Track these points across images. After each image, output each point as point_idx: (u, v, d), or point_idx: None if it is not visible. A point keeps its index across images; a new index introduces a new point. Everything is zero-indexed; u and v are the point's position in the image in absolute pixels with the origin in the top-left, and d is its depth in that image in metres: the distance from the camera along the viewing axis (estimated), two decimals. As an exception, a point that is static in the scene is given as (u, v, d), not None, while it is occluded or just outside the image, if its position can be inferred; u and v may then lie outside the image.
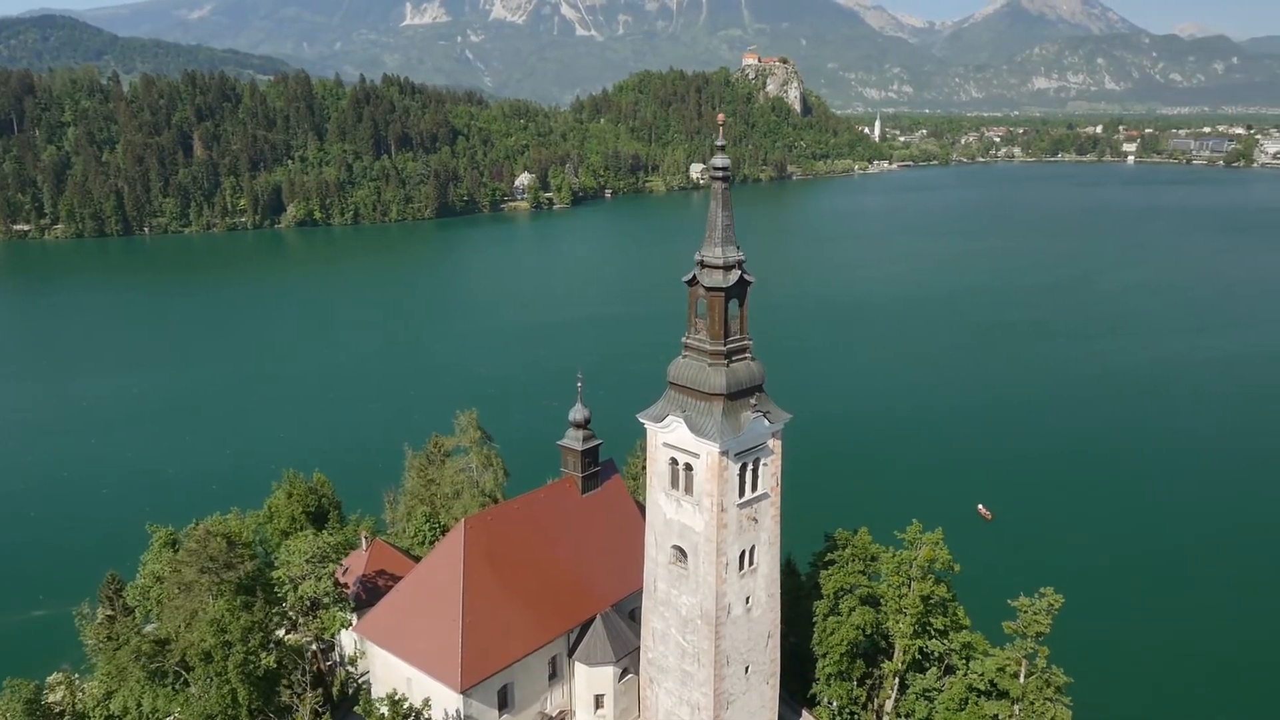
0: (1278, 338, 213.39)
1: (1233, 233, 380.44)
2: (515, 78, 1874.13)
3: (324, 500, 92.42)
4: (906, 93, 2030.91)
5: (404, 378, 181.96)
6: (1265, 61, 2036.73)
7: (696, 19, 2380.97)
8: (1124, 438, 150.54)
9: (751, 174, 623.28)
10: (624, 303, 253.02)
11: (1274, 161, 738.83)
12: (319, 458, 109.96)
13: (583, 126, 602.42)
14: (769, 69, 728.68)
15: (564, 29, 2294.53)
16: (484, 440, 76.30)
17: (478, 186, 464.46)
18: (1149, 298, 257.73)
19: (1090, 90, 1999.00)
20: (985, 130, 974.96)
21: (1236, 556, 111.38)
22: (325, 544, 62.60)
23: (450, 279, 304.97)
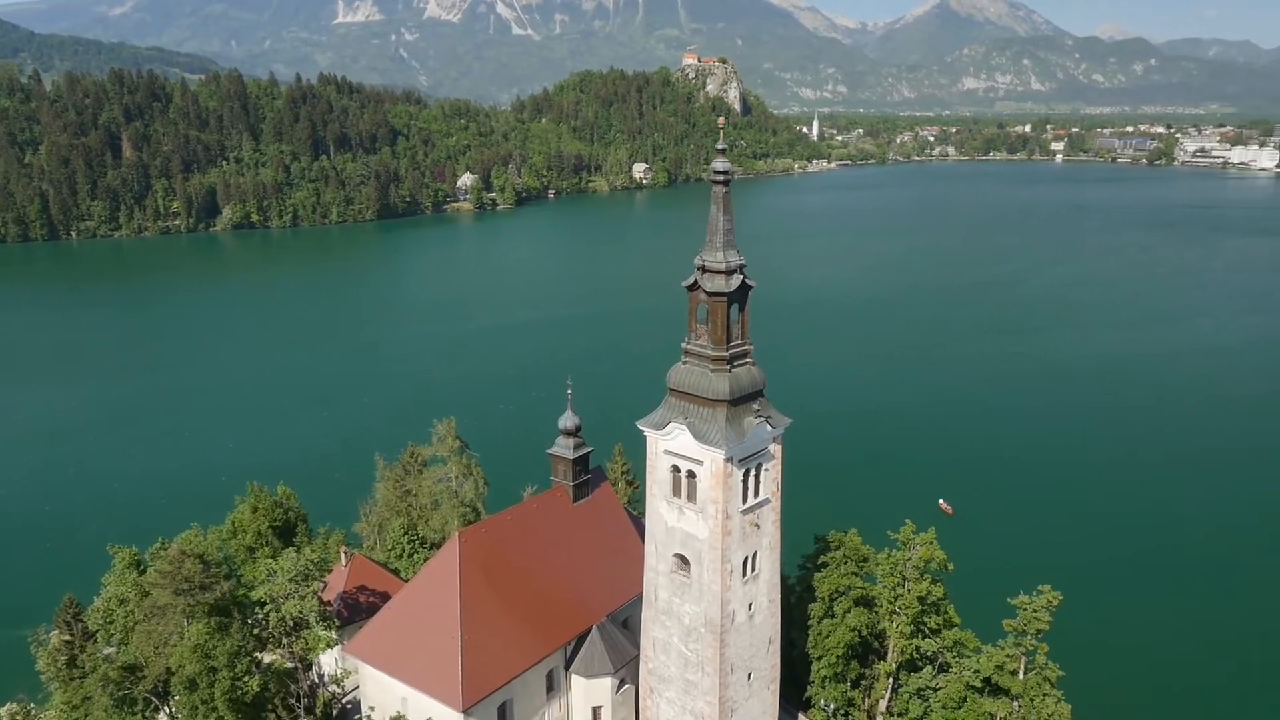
0: (1211, 329, 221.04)
1: (1160, 228, 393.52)
2: (451, 77, 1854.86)
3: (290, 514, 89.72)
4: (841, 93, 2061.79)
5: (359, 385, 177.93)
6: (1181, 63, 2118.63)
7: (633, 19, 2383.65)
8: (1075, 430, 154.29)
9: (694, 174, 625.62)
10: (579, 304, 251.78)
11: (1193, 159, 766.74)
12: (281, 469, 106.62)
13: (524, 126, 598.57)
14: (708, 69, 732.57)
15: (500, 28, 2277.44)
16: (463, 449, 74.60)
17: (420, 187, 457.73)
18: (1087, 292, 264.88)
19: (1017, 90, 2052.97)
20: (919, 129, 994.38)
21: (1195, 543, 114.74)
22: (308, 561, 60.44)
23: (398, 282, 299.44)
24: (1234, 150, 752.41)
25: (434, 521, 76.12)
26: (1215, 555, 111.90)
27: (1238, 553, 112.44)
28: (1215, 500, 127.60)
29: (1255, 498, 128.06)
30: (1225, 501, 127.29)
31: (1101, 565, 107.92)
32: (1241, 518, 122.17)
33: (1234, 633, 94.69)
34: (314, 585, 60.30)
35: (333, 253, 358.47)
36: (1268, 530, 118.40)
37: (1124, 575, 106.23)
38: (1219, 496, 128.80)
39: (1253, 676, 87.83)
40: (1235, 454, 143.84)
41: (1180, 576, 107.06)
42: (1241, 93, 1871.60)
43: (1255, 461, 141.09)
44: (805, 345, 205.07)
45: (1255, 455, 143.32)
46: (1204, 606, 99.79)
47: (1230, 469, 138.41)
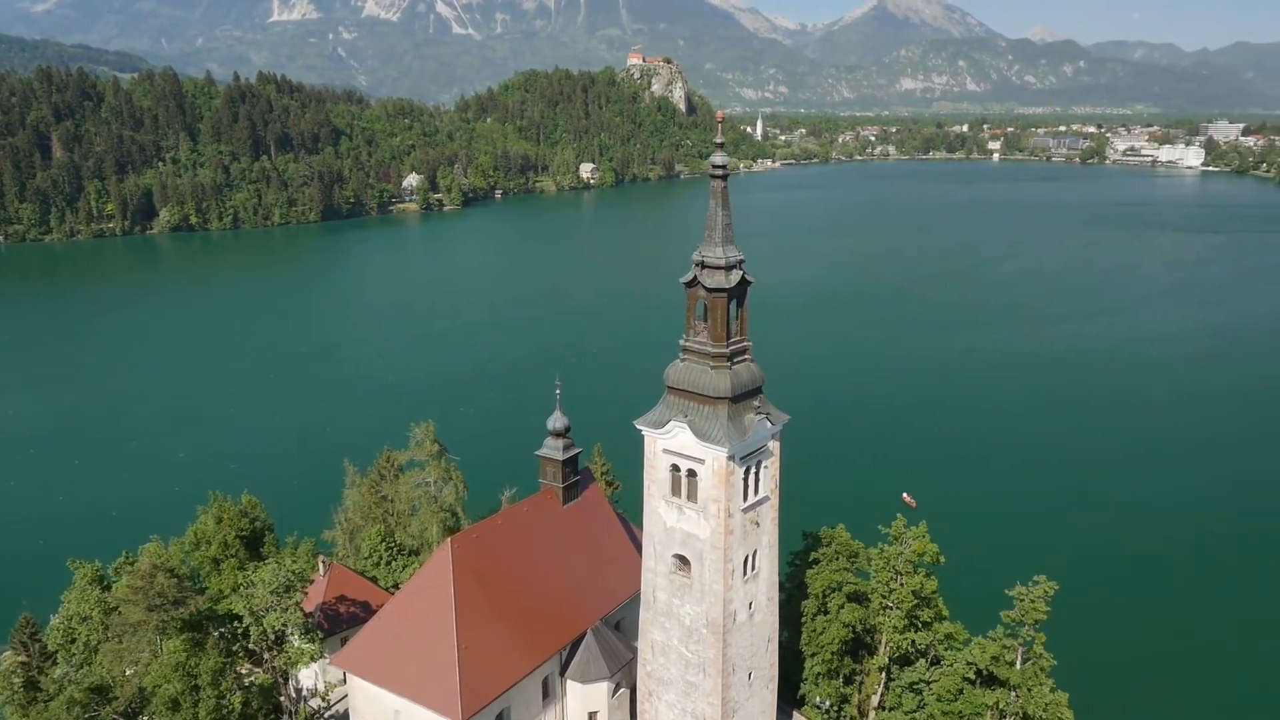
0: (1154, 323, 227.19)
1: (1097, 225, 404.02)
2: (391, 76, 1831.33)
3: (257, 523, 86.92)
4: (782, 93, 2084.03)
5: (316, 389, 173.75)
6: (1109, 64, 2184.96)
7: (575, 19, 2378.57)
8: (1034, 421, 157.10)
9: (640, 173, 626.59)
10: (538, 304, 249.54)
11: (1124, 158, 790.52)
12: (241, 477, 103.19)
13: (469, 126, 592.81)
14: (654, 69, 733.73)
15: (440, 27, 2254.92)
16: (442, 453, 72.81)
17: (364, 188, 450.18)
18: (1033, 287, 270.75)
19: (954, 91, 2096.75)
20: (861, 129, 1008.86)
21: (1160, 527, 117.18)
22: (289, 572, 58.31)
23: (349, 284, 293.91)
24: (1162, 149, 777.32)
25: (412, 528, 74.21)
26: (1177, 539, 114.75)
27: (1201, 535, 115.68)
28: (1175, 485, 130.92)
29: (1213, 481, 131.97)
30: (1186, 486, 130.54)
31: (1073, 552, 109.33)
32: (1200, 501, 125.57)
33: (1208, 615, 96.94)
34: (296, 597, 58.24)
35: (278, 255, 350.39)
36: (1223, 510, 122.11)
37: (1096, 561, 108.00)
38: (1179, 482, 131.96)
39: (1228, 658, 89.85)
40: (1191, 441, 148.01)
41: (1151, 561, 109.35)
42: (1165, 93, 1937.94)
43: (1210, 447, 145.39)
44: (761, 344, 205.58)
45: (1209, 441, 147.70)
46: (1173, 590, 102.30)
47: (1187, 455, 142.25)
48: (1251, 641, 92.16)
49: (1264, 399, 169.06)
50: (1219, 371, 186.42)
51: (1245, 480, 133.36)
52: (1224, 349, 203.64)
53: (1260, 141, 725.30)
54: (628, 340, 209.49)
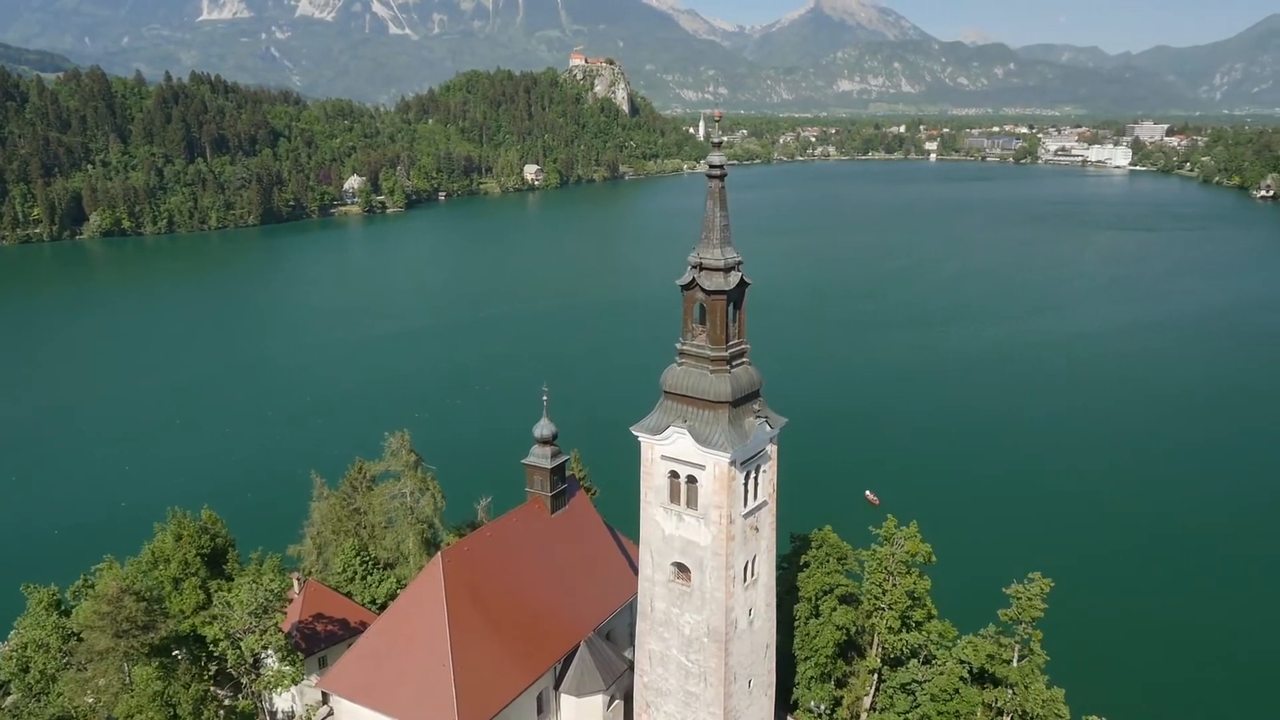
0: (1098, 317, 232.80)
1: (1034, 224, 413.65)
2: (326, 77, 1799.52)
3: (219, 540, 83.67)
4: (722, 94, 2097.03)
5: (267, 398, 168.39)
6: (1037, 67, 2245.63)
7: (514, 19, 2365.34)
8: (990, 417, 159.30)
9: (585, 174, 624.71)
10: (491, 307, 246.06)
11: (1055, 158, 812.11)
12: (195, 492, 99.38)
13: (411, 127, 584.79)
14: (596, 70, 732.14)
15: (376, 27, 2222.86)
16: (418, 463, 70.63)
17: (304, 191, 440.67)
18: (977, 285, 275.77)
19: (889, 92, 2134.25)
20: (801, 130, 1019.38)
21: (1134, 523, 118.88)
22: (268, 592, 55.85)
23: (294, 288, 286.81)
24: (1091, 149, 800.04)
25: (387, 541, 71.87)
26: (1156, 531, 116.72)
27: (1175, 526, 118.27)
28: (1147, 478, 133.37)
29: (1182, 473, 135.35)
30: (1158, 479, 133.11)
31: (1046, 545, 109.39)
32: (1171, 493, 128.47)
33: (1185, 606, 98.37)
34: (277, 618, 55.85)
35: (218, 259, 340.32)
36: (1197, 502, 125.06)
37: (1068, 554, 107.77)
38: (1151, 475, 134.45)
39: (1211, 647, 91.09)
40: (1153, 433, 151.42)
41: (1132, 553, 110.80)
42: (1091, 95, 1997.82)
43: (1173, 438, 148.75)
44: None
45: (1171, 432, 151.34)
46: (1153, 581, 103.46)
47: (1151, 447, 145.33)
48: (1227, 628, 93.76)
49: (1218, 391, 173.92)
50: (1168, 365, 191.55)
51: (1216, 471, 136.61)
52: (1169, 343, 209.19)
53: (1184, 142, 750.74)
54: (592, 341, 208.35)
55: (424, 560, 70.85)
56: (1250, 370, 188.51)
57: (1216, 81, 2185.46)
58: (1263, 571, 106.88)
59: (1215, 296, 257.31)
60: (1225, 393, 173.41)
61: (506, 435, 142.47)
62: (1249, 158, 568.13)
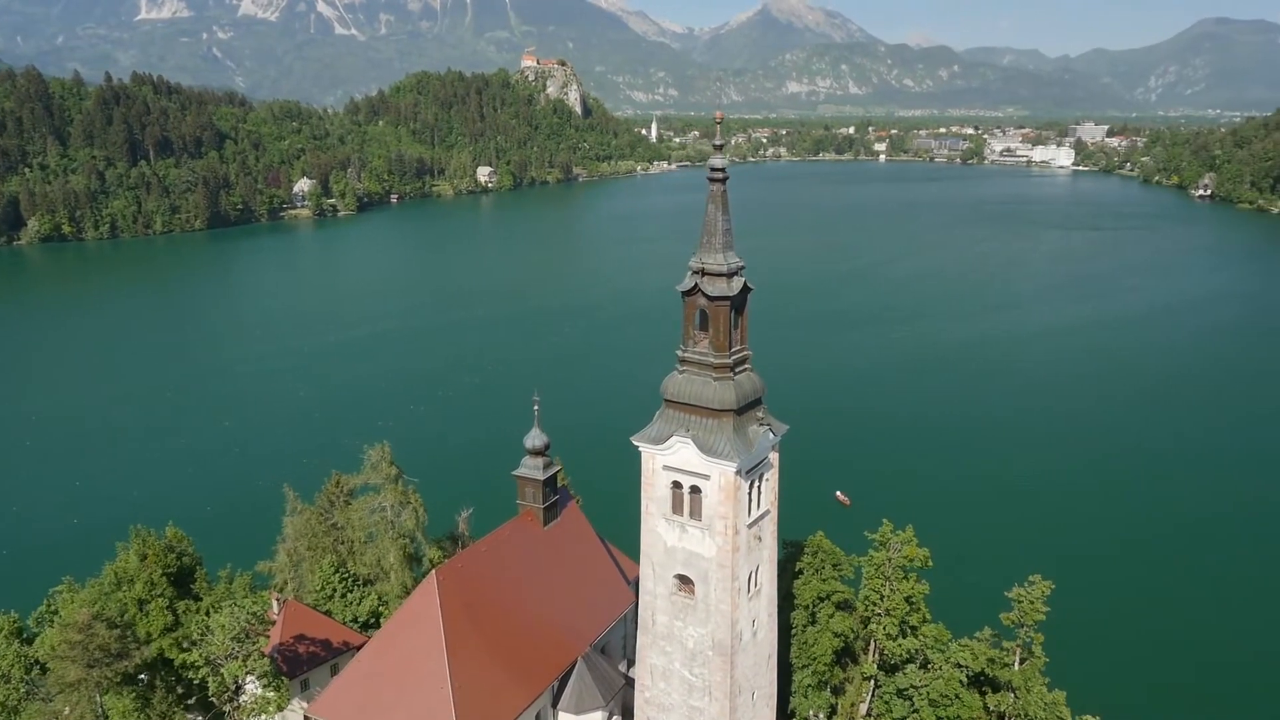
0: (1051, 316, 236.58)
1: (985, 223, 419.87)
2: (271, 78, 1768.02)
3: (185, 558, 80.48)
4: (672, 95, 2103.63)
5: (228, 409, 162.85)
6: (980, 69, 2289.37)
7: (462, 20, 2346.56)
8: (954, 415, 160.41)
9: (539, 176, 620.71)
10: (450, 311, 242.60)
11: (1001, 158, 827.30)
12: (161, 509, 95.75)
13: (361, 129, 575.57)
14: (548, 71, 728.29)
15: (321, 27, 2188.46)
16: (399, 476, 68.36)
17: (253, 194, 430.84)
18: (935, 285, 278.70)
19: (837, 94, 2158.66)
20: (752, 131, 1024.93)
21: (1115, 520, 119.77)
22: (249, 615, 53.42)
23: (245, 294, 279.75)
24: (1035, 150, 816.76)
25: (367, 556, 69.51)
26: (1136, 527, 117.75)
27: (1152, 522, 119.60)
28: (1122, 474, 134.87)
29: (1143, 467, 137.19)
30: (1132, 475, 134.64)
31: (1027, 546, 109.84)
32: (1135, 486, 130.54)
33: (1160, 603, 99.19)
34: (261, 642, 53.43)
35: (164, 265, 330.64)
36: (1157, 495, 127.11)
37: (1047, 555, 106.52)
38: (1125, 471, 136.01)
39: (1198, 644, 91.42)
40: (1112, 428, 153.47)
41: (1115, 550, 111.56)
42: (1032, 97, 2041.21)
43: (1131, 433, 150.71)
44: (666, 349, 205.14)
45: (1130, 428, 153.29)
46: (1136, 579, 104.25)
47: (1111, 442, 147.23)
48: (1218, 625, 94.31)
49: (1188, 385, 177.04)
50: (1129, 360, 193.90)
51: (1193, 465, 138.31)
52: (1128, 339, 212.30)
53: (1124, 142, 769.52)
54: (562, 345, 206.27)
55: (406, 576, 68.80)
56: (1214, 365, 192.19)
57: (1151, 83, 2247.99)
58: (1245, 562, 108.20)
59: (1167, 293, 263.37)
60: (1196, 387, 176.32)
61: (480, 443, 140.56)
62: (1186, 158, 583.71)
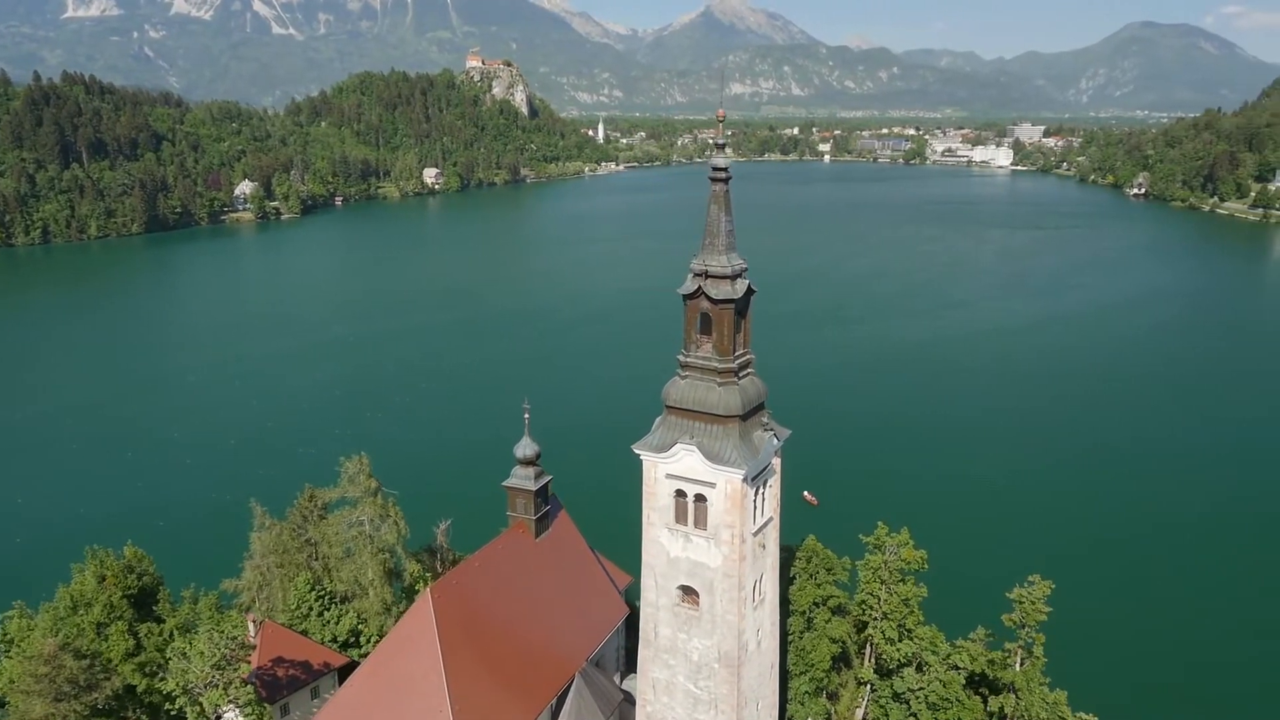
0: (1003, 313, 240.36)
1: (931, 223, 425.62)
2: (206, 78, 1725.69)
3: (146, 579, 77.01)
4: (617, 97, 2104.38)
5: (171, 420, 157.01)
6: (919, 71, 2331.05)
7: (403, 20, 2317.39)
8: (916, 413, 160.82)
9: (486, 177, 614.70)
10: (400, 315, 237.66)
11: (942, 159, 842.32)
12: (117, 527, 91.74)
13: (303, 130, 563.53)
14: (494, 72, 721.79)
15: (258, 26, 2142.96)
16: (377, 489, 65.78)
17: (192, 197, 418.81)
18: (888, 284, 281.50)
19: (780, 95, 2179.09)
20: (698, 132, 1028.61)
21: (1097, 518, 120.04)
22: (230, 640, 50.79)
23: (185, 301, 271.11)
24: (975, 150, 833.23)
25: (344, 572, 66.83)
26: (1116, 524, 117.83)
27: (1121, 516, 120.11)
28: (1094, 470, 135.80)
29: (1126, 466, 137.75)
30: (1104, 472, 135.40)
31: (1010, 545, 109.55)
32: (1112, 482, 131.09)
33: (1135, 601, 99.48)
34: (242, 669, 50.83)
35: (101, 271, 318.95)
36: (1163, 495, 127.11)
37: (1027, 554, 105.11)
38: (1097, 467, 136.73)
39: (1188, 643, 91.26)
40: (1073, 425, 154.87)
41: (1095, 549, 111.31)
42: (969, 98, 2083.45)
43: (1089, 431, 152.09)
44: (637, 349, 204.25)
45: (1086, 425, 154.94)
46: (1118, 577, 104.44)
47: (1074, 438, 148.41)
48: (1206, 623, 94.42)
49: (1142, 380, 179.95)
50: (1082, 356, 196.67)
51: (1167, 460, 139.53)
52: (1076, 335, 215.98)
53: (1060, 143, 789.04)
54: (526, 349, 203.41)
55: (386, 592, 66.39)
56: (1170, 359, 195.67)
57: (1083, 85, 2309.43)
58: (1228, 553, 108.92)
59: (1116, 289, 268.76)
60: (1155, 382, 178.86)
61: (450, 450, 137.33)
62: (1121, 158, 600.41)
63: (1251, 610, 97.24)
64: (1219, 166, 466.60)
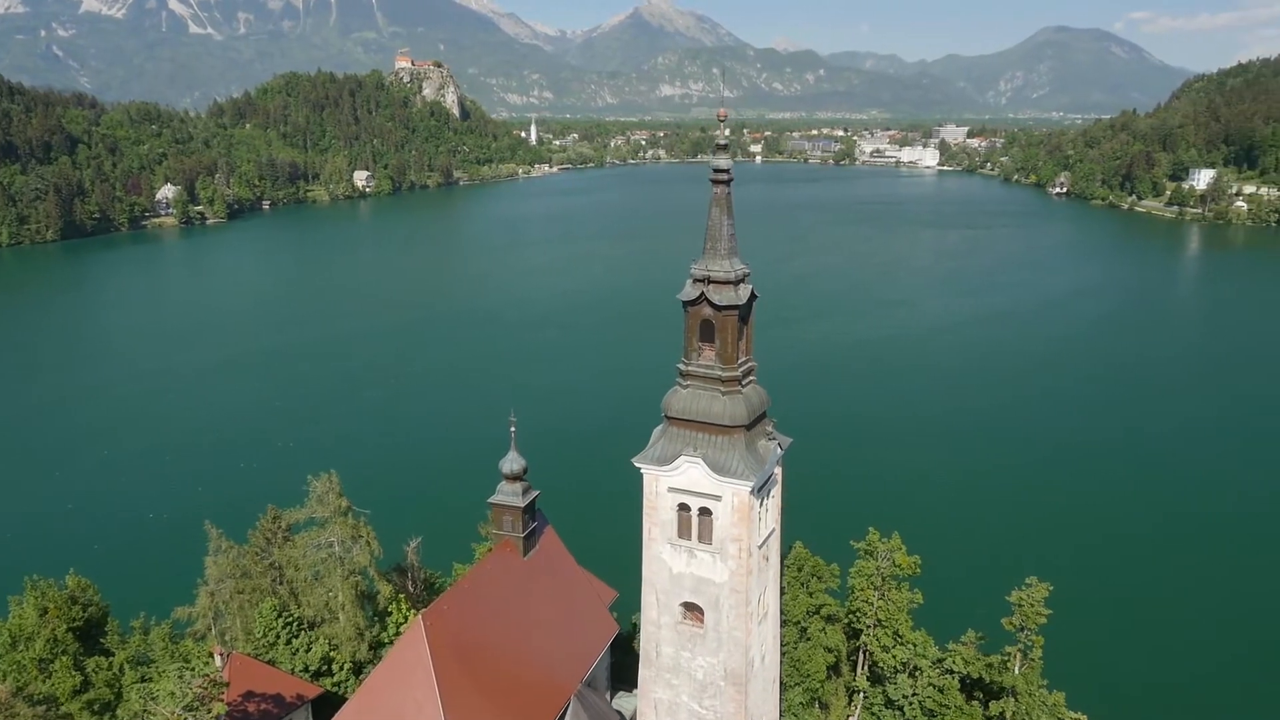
0: (944, 310, 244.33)
1: (865, 223, 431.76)
2: (120, 78, 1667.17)
3: (92, 609, 72.38)
4: (547, 98, 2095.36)
5: (100, 438, 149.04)
6: (845, 73, 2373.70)
7: (326, 20, 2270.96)
8: (873, 413, 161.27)
9: (419, 180, 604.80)
10: (336, 322, 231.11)
11: (871, 159, 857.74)
12: (54, 555, 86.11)
13: (227, 132, 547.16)
14: (424, 73, 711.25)
15: (174, 25, 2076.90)
16: (348, 509, 62.48)
17: (111, 202, 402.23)
18: (830, 283, 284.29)
19: (710, 97, 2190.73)
20: (631, 133, 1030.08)
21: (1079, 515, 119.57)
22: (204, 679, 47.23)
23: (108, 310, 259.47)
24: (903, 151, 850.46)
25: (313, 597, 63.38)
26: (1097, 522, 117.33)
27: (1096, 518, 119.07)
28: (1047, 465, 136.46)
29: (1085, 461, 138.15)
30: (1061, 466, 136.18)
31: (992, 545, 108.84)
32: (1085, 479, 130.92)
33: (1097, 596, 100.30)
34: (216, 709, 47.29)
35: (12, 281, 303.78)
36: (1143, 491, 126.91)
37: (1006, 552, 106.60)
38: (1070, 465, 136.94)
39: (1170, 645, 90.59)
40: (1049, 423, 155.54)
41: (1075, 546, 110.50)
42: (893, 100, 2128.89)
43: (1057, 427, 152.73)
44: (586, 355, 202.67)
45: (1051, 422, 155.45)
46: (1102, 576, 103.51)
47: (1055, 438, 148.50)
48: (1193, 621, 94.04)
49: (1094, 376, 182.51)
50: (1020, 352, 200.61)
51: (1128, 454, 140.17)
52: (1013, 332, 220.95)
53: (984, 143, 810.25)
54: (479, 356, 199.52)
55: (359, 616, 63.23)
56: (1117, 355, 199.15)
57: (1001, 87, 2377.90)
58: (1213, 549, 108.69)
59: (1052, 285, 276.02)
60: (1112, 377, 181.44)
61: (415, 464, 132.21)
62: (1042, 158, 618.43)
63: (1241, 605, 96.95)
64: (1136, 166, 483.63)
